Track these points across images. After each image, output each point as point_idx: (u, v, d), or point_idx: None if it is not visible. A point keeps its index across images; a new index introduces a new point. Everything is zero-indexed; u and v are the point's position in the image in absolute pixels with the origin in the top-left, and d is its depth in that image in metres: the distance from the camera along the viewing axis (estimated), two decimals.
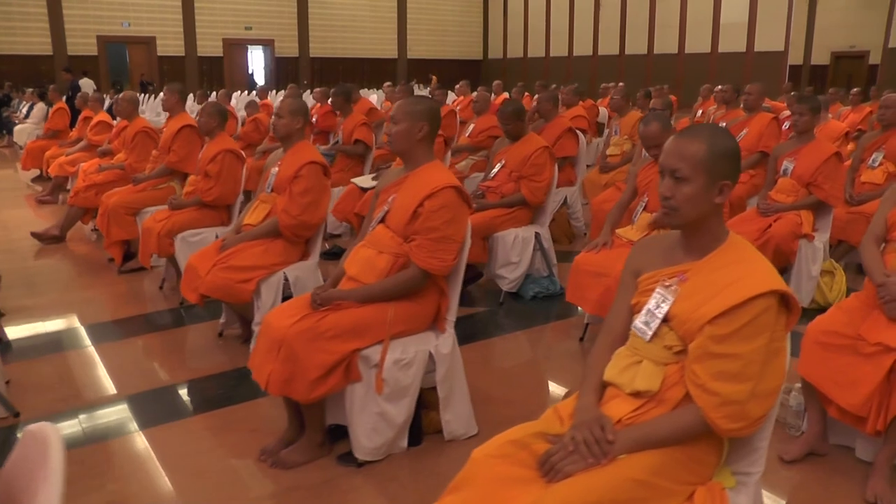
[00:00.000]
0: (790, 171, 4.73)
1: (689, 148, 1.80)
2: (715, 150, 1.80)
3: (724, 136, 1.84)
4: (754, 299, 1.70)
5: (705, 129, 1.85)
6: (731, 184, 1.83)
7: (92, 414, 3.38)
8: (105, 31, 23.80)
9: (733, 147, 1.84)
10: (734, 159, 1.83)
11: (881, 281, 2.85)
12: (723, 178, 1.81)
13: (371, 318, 2.78)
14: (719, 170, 1.80)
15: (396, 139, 2.87)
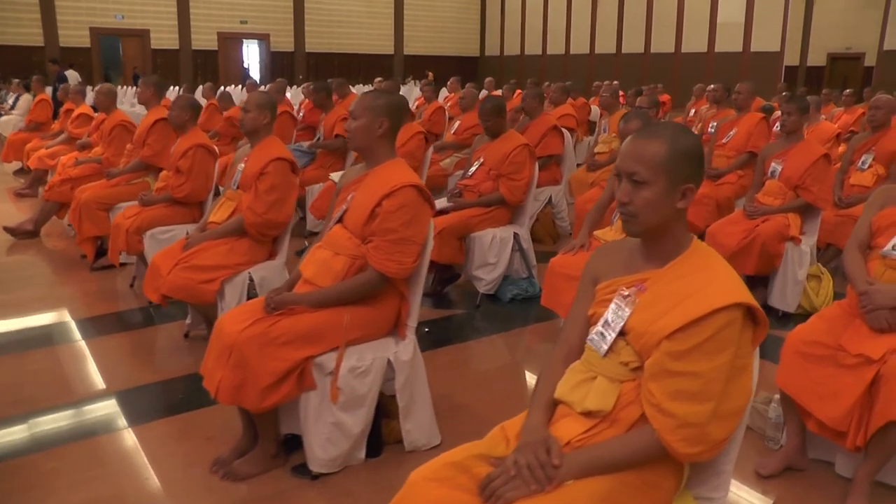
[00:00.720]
0: (778, 173, 4.59)
1: (648, 149, 1.66)
2: (676, 151, 1.66)
3: (686, 135, 1.70)
4: (716, 312, 1.57)
5: (666, 128, 1.71)
6: (695, 187, 1.69)
7: (42, 419, 3.23)
8: (98, 23, 23.58)
9: (696, 147, 1.70)
10: (697, 160, 1.70)
11: (863, 289, 2.72)
12: (685, 180, 1.67)
13: (326, 323, 2.64)
14: (681, 172, 1.66)
15: (355, 135, 2.74)
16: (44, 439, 3.05)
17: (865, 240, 2.92)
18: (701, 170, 1.71)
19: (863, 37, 21.39)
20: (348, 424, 2.67)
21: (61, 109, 9.52)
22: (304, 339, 2.60)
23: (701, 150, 1.72)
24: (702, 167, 1.72)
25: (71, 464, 2.85)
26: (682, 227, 1.73)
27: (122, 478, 2.76)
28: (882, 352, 2.56)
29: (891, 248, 2.77)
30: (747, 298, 1.60)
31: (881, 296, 2.67)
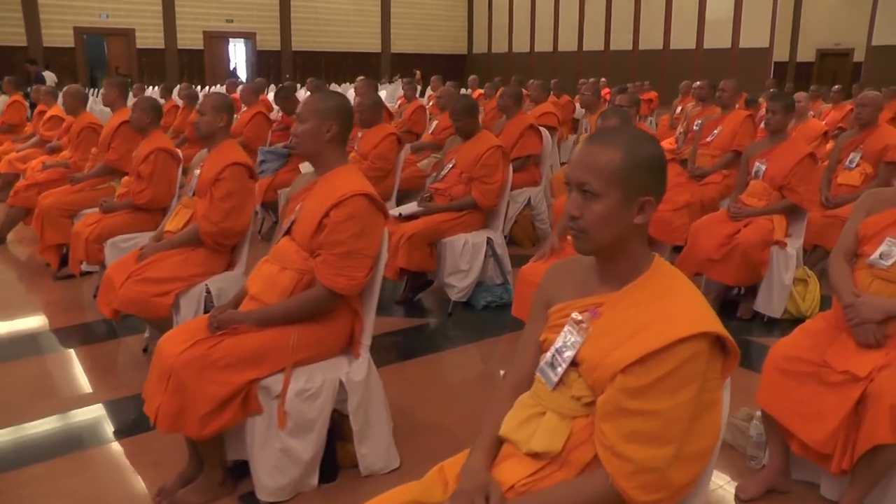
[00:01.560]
0: (762, 173, 4.42)
1: (601, 157, 1.48)
2: (632, 160, 1.48)
3: (645, 142, 1.52)
4: (678, 344, 1.38)
5: (621, 133, 1.53)
6: (654, 201, 1.51)
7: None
8: (82, 22, 23.27)
9: (656, 156, 1.52)
10: (658, 170, 1.52)
11: (849, 301, 2.55)
12: (642, 193, 1.49)
13: (271, 343, 2.46)
14: (638, 183, 1.48)
15: (302, 140, 2.55)
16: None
17: (852, 248, 2.75)
18: (661, 181, 1.53)
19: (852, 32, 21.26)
20: (297, 450, 2.48)
21: (35, 111, 9.28)
22: (247, 361, 2.42)
23: (662, 159, 1.54)
24: (663, 178, 1.54)
25: (6, 494, 2.66)
26: (642, 246, 1.55)
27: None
28: (869, 369, 2.39)
29: (878, 256, 2.60)
30: (714, 327, 1.42)
31: (868, 308, 2.50)
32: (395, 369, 3.76)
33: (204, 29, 25.47)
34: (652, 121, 12.22)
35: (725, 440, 2.99)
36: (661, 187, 1.53)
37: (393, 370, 3.72)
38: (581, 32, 25.44)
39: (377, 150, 5.14)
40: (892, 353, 2.43)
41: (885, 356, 2.42)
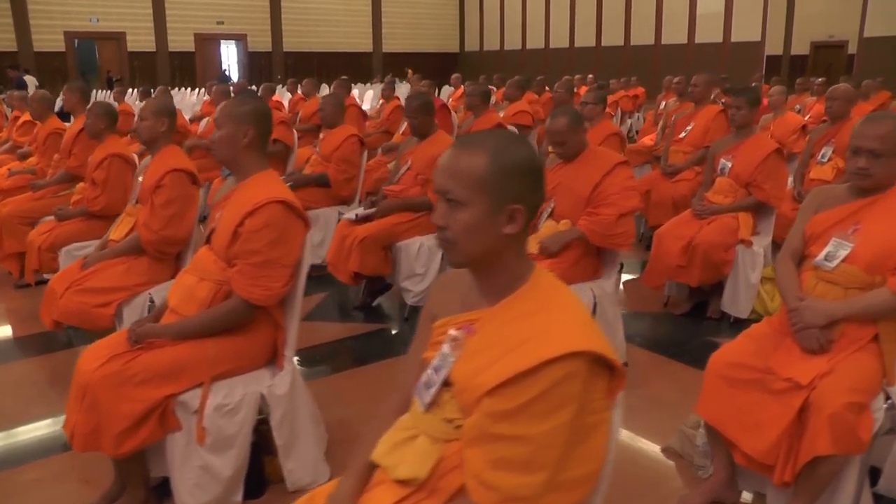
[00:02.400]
0: (728, 169, 4.32)
1: (466, 163, 1.38)
2: (500, 165, 1.37)
3: (515, 145, 1.41)
4: (548, 365, 1.27)
5: (488, 137, 1.42)
6: (525, 209, 1.40)
7: None
8: (72, 26, 23.20)
9: (526, 160, 1.41)
10: (529, 176, 1.41)
11: (794, 305, 2.45)
12: (512, 200, 1.39)
13: (189, 357, 2.36)
14: (506, 190, 1.38)
15: (219, 146, 2.45)
16: None
17: (799, 248, 2.64)
18: (533, 187, 1.42)
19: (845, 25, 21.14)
20: (217, 467, 2.39)
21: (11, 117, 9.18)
22: (164, 376, 2.32)
23: (535, 164, 1.43)
24: (535, 184, 1.43)
25: None
26: (517, 257, 1.44)
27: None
28: (811, 376, 2.29)
29: (823, 258, 2.49)
30: (592, 345, 1.31)
31: (812, 313, 2.40)
32: (346, 377, 3.67)
33: (195, 31, 25.42)
34: (639, 116, 12.13)
35: (673, 448, 2.90)
36: (534, 194, 1.43)
37: (344, 377, 3.63)
38: (572, 29, 25.36)
39: (339, 153, 5.03)
40: (836, 360, 2.33)
41: (829, 362, 2.32)
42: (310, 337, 4.20)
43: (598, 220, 3.33)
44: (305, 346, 4.06)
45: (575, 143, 3.45)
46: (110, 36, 24.08)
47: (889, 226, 2.43)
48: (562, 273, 3.31)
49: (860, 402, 2.21)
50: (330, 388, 3.55)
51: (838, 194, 2.61)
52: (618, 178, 3.38)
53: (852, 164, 2.49)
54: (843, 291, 2.44)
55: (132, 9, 23.98)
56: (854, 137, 2.50)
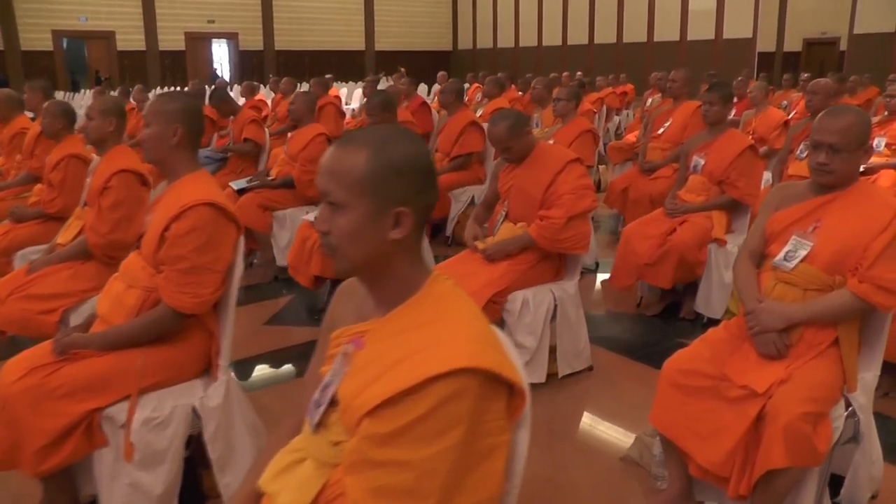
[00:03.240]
0: (700, 167, 4.21)
1: (346, 161, 1.27)
2: (381, 163, 1.26)
3: (399, 142, 1.29)
4: (432, 383, 1.15)
5: (374, 133, 1.30)
6: (412, 211, 1.28)
7: None
8: (61, 25, 22.99)
9: (412, 157, 1.29)
10: (414, 175, 1.29)
11: (751, 308, 2.34)
12: (397, 202, 1.27)
13: (115, 368, 2.24)
14: (389, 191, 1.26)
15: (147, 145, 2.34)
16: None
17: (758, 248, 2.53)
18: (421, 187, 1.30)
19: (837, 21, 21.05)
20: (148, 484, 2.26)
21: None
22: (88, 389, 2.20)
23: (421, 162, 1.31)
24: (423, 184, 1.30)
25: None
26: (409, 264, 1.33)
27: None
28: (768, 383, 2.18)
29: (783, 257, 2.38)
30: (484, 361, 1.19)
31: (769, 316, 2.29)
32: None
33: (185, 30, 25.23)
34: (629, 113, 12.02)
35: (632, 457, 2.78)
36: (422, 195, 1.30)
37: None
38: (565, 27, 25.23)
39: (306, 152, 4.90)
40: (793, 366, 2.22)
41: (786, 369, 2.21)
42: (275, 340, 4.09)
43: (546, 226, 3.21)
44: (270, 350, 3.95)
45: (520, 147, 3.32)
46: (99, 35, 23.88)
47: (849, 223, 2.32)
48: (520, 276, 3.20)
49: (817, 412, 2.10)
50: (295, 392, 3.44)
51: (799, 191, 2.50)
52: (570, 176, 3.26)
53: (812, 159, 2.38)
54: (802, 293, 2.33)
55: (122, 7, 23.79)
56: (814, 132, 2.39)
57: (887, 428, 3.05)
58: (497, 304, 3.12)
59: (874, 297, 2.22)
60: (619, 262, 4.11)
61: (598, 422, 3.13)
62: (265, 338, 4.14)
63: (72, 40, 23.76)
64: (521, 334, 3.15)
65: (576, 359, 3.41)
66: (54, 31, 22.96)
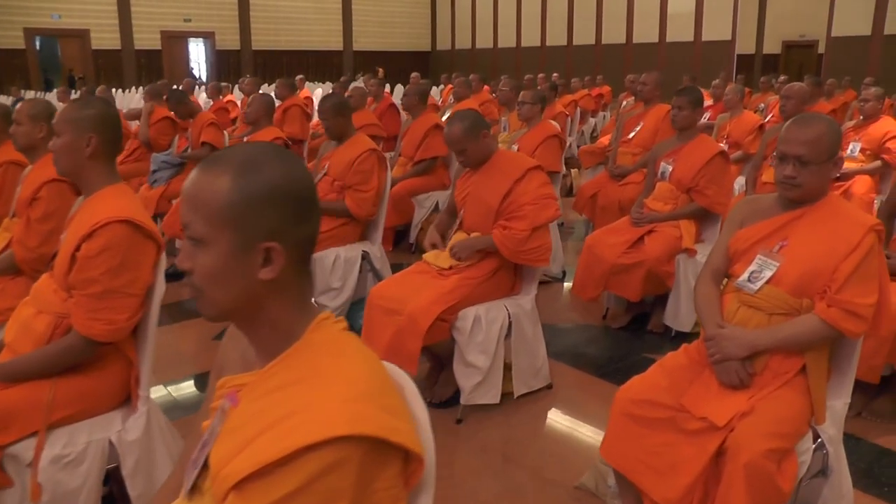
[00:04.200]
0: (668, 174, 4.05)
1: (206, 188, 1.08)
2: (246, 192, 1.07)
3: (267, 164, 1.10)
4: (307, 452, 0.97)
5: (241, 154, 1.11)
6: (284, 246, 1.10)
7: None
8: (33, 22, 22.52)
9: (283, 182, 1.10)
10: (285, 204, 1.10)
11: (711, 333, 2.17)
12: (265, 236, 1.09)
13: (22, 401, 2.03)
14: (256, 223, 1.08)
15: (58, 156, 2.14)
16: None
17: (722, 268, 2.36)
18: (297, 218, 1.12)
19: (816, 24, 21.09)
20: None
21: None
22: None
23: (294, 189, 1.12)
24: (299, 214, 1.12)
25: None
26: (287, 309, 1.14)
27: None
28: (729, 416, 2.01)
29: (747, 278, 2.22)
30: (366, 427, 1.01)
31: (731, 343, 2.12)
32: None
33: (161, 29, 24.86)
34: (606, 116, 11.89)
35: (586, 486, 2.61)
36: (297, 227, 1.12)
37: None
38: (544, 28, 25.14)
39: None
40: (757, 397, 2.06)
41: (749, 400, 2.05)
42: None
43: (510, 235, 3.03)
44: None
45: (476, 151, 3.14)
46: (73, 33, 23.45)
47: (817, 242, 2.16)
48: (472, 290, 3.02)
49: (781, 448, 1.94)
50: None
51: (766, 205, 2.34)
52: (530, 185, 3.08)
53: (779, 172, 2.22)
54: (767, 317, 2.16)
55: (96, 5, 23.38)
56: (781, 142, 2.23)
57: (859, 451, 2.91)
58: (446, 323, 2.93)
59: (843, 322, 2.07)
60: (582, 272, 3.95)
61: (556, 445, 2.96)
62: (213, 354, 3.93)
63: (45, 39, 23.33)
64: (473, 353, 2.97)
65: (533, 377, 3.24)
66: (26, 29, 22.49)
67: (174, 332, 4.14)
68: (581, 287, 3.95)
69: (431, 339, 2.93)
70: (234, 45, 26.16)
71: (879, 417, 3.14)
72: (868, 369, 2.99)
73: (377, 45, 28.53)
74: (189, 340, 4.07)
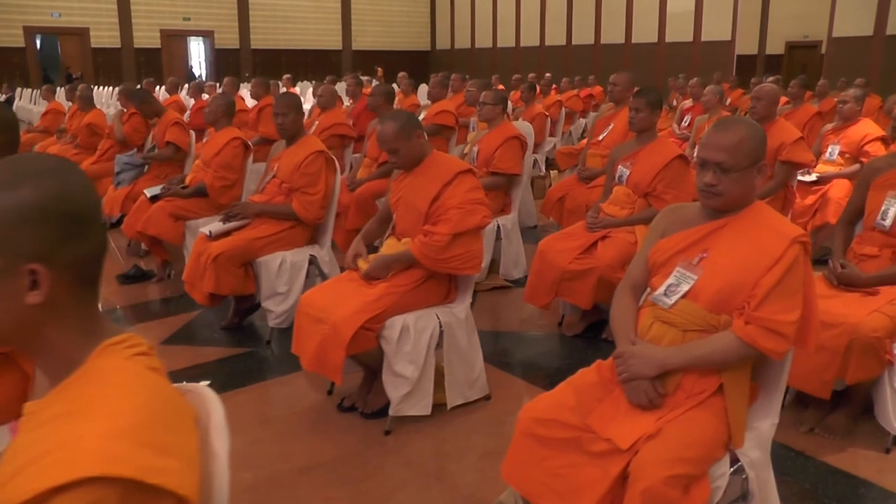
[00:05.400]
0: (625, 177, 3.92)
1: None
2: (3, 214, 0.98)
3: (31, 179, 1.00)
4: (55, 495, 0.86)
5: (21, 165, 1.02)
6: (49, 268, 0.99)
7: None
8: (32, 21, 22.54)
9: (47, 199, 1.00)
10: (49, 222, 1.00)
11: (619, 350, 2.04)
12: (28, 258, 0.99)
13: None
14: (16, 245, 0.98)
15: None
16: None
17: (641, 279, 2.23)
18: (63, 237, 1.01)
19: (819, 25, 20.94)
20: None
21: None
22: None
23: (65, 205, 1.01)
24: (72, 231, 1.01)
25: None
26: (67, 333, 1.05)
27: None
28: (633, 438, 1.88)
29: (663, 292, 2.08)
30: (125, 468, 0.89)
31: (640, 360, 1.99)
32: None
33: (161, 27, 24.86)
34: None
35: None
36: (67, 247, 1.01)
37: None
38: (543, 28, 25.00)
39: (219, 158, 4.58)
40: (667, 418, 1.92)
41: (657, 422, 1.91)
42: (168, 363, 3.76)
43: (429, 243, 2.90)
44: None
45: (409, 151, 3.01)
46: (73, 31, 23.46)
47: (738, 254, 2.02)
48: (400, 298, 2.90)
49: (687, 475, 1.80)
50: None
51: (689, 215, 2.19)
52: (459, 189, 2.94)
53: (699, 179, 2.08)
54: (681, 334, 2.03)
55: (96, 3, 23.39)
56: (700, 148, 2.08)
57: (806, 470, 2.78)
58: (372, 332, 2.80)
59: (762, 341, 1.92)
60: (534, 278, 3.82)
61: (486, 460, 2.82)
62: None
63: (45, 37, 23.33)
64: (401, 363, 2.84)
65: (469, 388, 3.10)
66: (26, 27, 22.50)
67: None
68: (532, 294, 3.82)
69: (357, 349, 2.81)
70: (233, 43, 26.14)
71: (832, 434, 3.01)
72: (819, 384, 2.87)
73: (376, 45, 28.46)
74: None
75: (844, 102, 5.57)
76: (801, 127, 6.84)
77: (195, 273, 3.80)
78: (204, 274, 3.70)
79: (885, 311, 2.84)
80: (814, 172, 5.48)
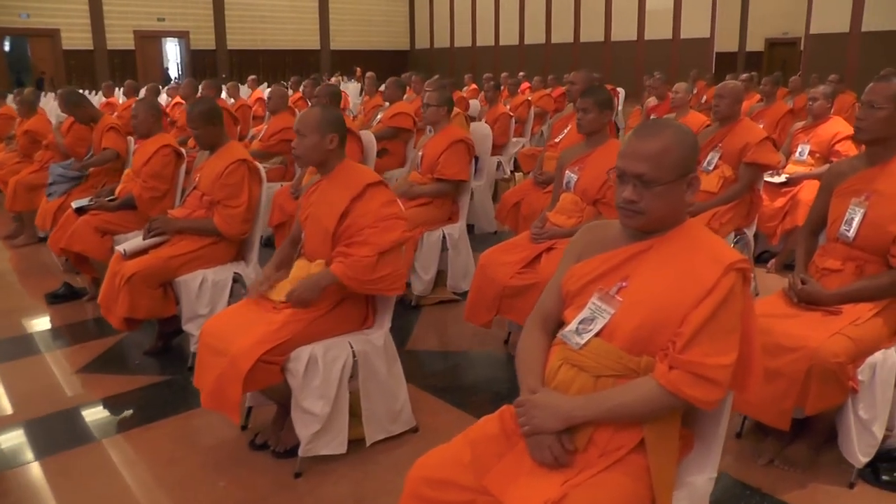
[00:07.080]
0: (573, 183, 3.64)
1: None
2: None
3: None
4: None
5: None
6: None
7: None
8: (1, 21, 22.10)
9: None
10: None
11: (520, 399, 1.75)
12: None
13: None
14: None
15: None
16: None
17: (554, 311, 1.92)
18: None
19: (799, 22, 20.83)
20: None
21: None
22: None
23: None
24: None
25: None
26: None
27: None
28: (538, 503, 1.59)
29: (574, 328, 1.78)
30: None
31: (543, 412, 1.68)
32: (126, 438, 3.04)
33: (134, 28, 24.49)
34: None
35: None
36: None
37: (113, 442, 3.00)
38: (522, 26, 24.85)
39: (149, 167, 4.25)
40: (574, 480, 1.62)
41: (563, 485, 1.61)
42: (79, 395, 3.46)
43: (354, 264, 2.60)
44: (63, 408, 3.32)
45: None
46: (43, 33, 23.02)
47: (662, 283, 1.71)
48: (307, 325, 2.61)
49: None
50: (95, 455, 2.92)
51: (610, 234, 1.87)
52: (371, 205, 2.66)
53: (617, 194, 1.78)
54: (593, 380, 1.72)
55: (67, 4, 22.97)
56: (619, 157, 1.78)
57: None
58: (275, 365, 2.50)
59: (688, 389, 1.62)
60: (474, 295, 3.52)
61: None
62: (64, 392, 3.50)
63: (14, 38, 22.86)
64: (310, 399, 2.53)
65: (391, 423, 2.80)
66: None
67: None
68: (472, 312, 3.53)
69: (258, 385, 2.52)
70: (209, 44, 25.81)
71: (793, 466, 2.74)
72: (777, 414, 2.59)
73: (355, 45, 28.19)
74: (44, 376, 3.66)
75: (814, 100, 5.32)
76: (773, 125, 6.61)
77: (110, 295, 3.49)
78: (117, 297, 3.40)
79: (848, 333, 2.56)
80: (783, 173, 5.23)
